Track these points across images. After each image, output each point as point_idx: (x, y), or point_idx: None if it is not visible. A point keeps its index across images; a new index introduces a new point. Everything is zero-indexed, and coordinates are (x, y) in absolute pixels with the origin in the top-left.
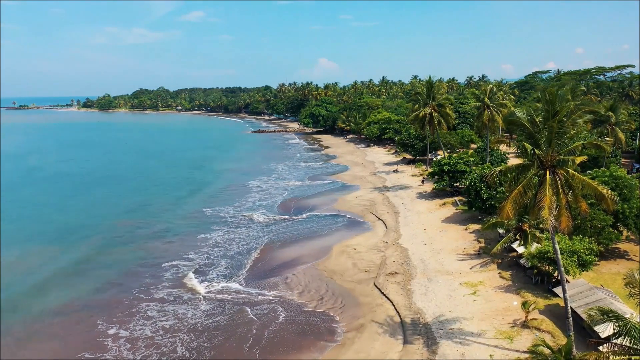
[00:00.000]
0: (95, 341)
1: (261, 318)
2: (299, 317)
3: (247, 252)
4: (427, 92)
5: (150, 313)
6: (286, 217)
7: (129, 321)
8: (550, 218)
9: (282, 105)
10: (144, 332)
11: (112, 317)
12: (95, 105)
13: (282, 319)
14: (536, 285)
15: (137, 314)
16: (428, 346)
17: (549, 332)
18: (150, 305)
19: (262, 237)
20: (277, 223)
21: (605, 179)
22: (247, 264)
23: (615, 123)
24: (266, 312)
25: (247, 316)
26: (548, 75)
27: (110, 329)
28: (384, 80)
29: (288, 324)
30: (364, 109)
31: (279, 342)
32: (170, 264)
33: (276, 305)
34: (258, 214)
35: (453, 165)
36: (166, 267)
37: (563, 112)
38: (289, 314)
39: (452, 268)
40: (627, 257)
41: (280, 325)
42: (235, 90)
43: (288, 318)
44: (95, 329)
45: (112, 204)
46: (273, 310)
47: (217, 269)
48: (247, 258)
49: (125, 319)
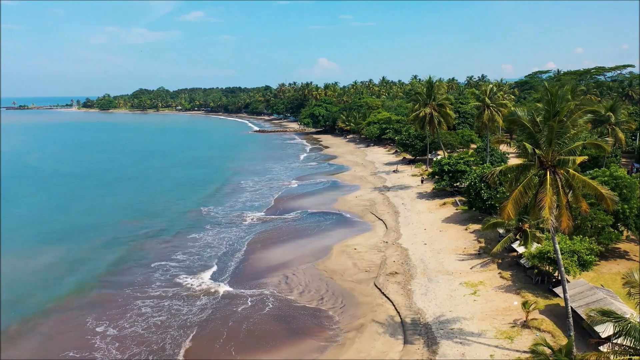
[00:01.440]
0: (83, 339)
1: (259, 317)
2: (299, 317)
3: (246, 252)
4: (427, 92)
5: (144, 310)
6: (286, 217)
7: (119, 318)
8: (550, 218)
9: (282, 105)
10: (135, 330)
11: (102, 315)
12: (95, 105)
13: (281, 319)
14: (536, 285)
15: (129, 311)
16: (428, 346)
17: (550, 332)
18: (146, 302)
19: (262, 237)
20: (276, 223)
21: (605, 178)
22: (246, 263)
23: (615, 123)
24: (265, 313)
25: (244, 316)
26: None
27: (99, 327)
28: (384, 80)
29: (287, 324)
30: (364, 109)
31: (278, 342)
32: (163, 263)
33: (275, 305)
34: (257, 214)
35: (453, 165)
36: (159, 266)
37: (563, 112)
38: (288, 314)
39: (453, 268)
40: (627, 257)
41: (279, 325)
42: (235, 90)
43: (288, 318)
44: (83, 327)
45: (112, 204)
46: (272, 310)
47: (216, 267)
48: (247, 258)
49: (116, 316)
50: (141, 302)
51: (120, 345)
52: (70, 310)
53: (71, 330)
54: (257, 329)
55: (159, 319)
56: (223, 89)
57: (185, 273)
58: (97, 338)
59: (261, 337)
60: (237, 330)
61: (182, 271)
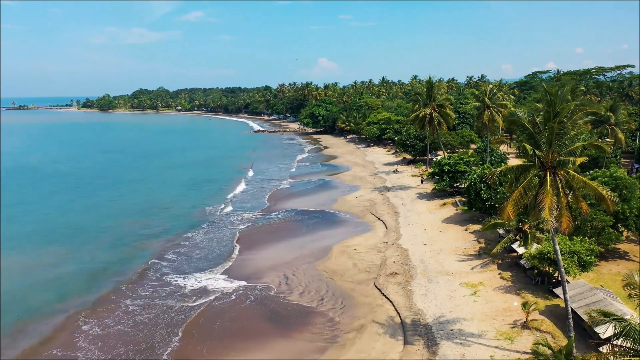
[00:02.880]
0: (68, 337)
1: (257, 317)
2: (298, 317)
3: (245, 252)
4: (427, 92)
5: (132, 308)
6: (285, 218)
7: (107, 317)
8: (551, 219)
9: (281, 106)
10: (121, 328)
11: (92, 313)
12: (95, 105)
13: (280, 320)
14: (536, 285)
15: (118, 309)
16: (428, 347)
17: (550, 332)
18: (136, 301)
19: (260, 237)
20: (275, 223)
21: (605, 179)
22: (246, 263)
23: (615, 123)
24: (265, 313)
25: (244, 316)
26: (548, 76)
27: (85, 325)
28: (384, 80)
29: (287, 324)
30: (363, 109)
31: (276, 342)
32: (156, 261)
33: (274, 305)
34: (254, 214)
35: (453, 166)
36: (153, 264)
37: (564, 113)
38: (287, 314)
39: (453, 268)
40: (627, 258)
41: (278, 326)
42: (235, 90)
43: (287, 318)
44: (71, 326)
45: (112, 204)
46: (272, 311)
47: (215, 267)
48: (246, 258)
49: (105, 314)
50: (130, 300)
51: (103, 344)
52: (60, 311)
53: (59, 329)
54: (255, 328)
55: (147, 317)
56: (223, 89)
57: (177, 272)
58: (81, 336)
59: (259, 336)
60: (234, 329)
61: (173, 270)
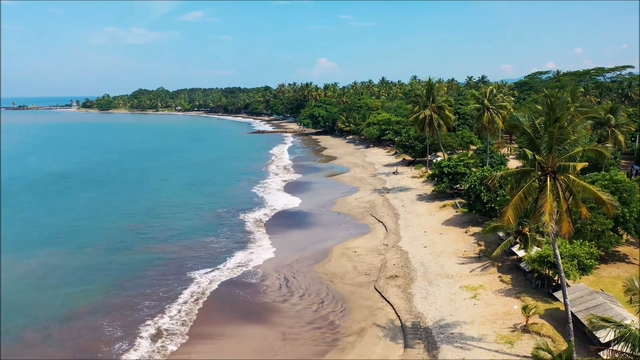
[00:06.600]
0: (91, 344)
1: (256, 319)
2: (298, 320)
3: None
4: (427, 94)
5: (151, 311)
6: (284, 219)
7: (130, 323)
8: (551, 223)
9: (281, 106)
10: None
11: (114, 320)
12: (94, 105)
13: (280, 322)
14: (536, 289)
15: (138, 312)
16: (429, 350)
17: (550, 336)
18: (152, 304)
19: (261, 236)
20: (275, 224)
21: (605, 182)
22: (244, 263)
23: (615, 125)
24: (264, 313)
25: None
26: (547, 76)
27: (109, 331)
28: (384, 80)
29: (286, 326)
30: (363, 110)
31: (275, 345)
32: (155, 262)
33: (274, 308)
34: (252, 214)
35: (453, 167)
36: (150, 267)
37: (564, 118)
38: (287, 316)
39: (453, 271)
40: (627, 261)
41: (278, 328)
42: (234, 90)
43: (286, 321)
44: (96, 332)
45: (111, 204)
46: (272, 311)
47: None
48: (245, 257)
49: (128, 319)
50: (147, 303)
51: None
52: (83, 316)
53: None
54: (254, 331)
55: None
56: (222, 89)
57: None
58: (102, 343)
59: (257, 338)
60: (232, 330)
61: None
